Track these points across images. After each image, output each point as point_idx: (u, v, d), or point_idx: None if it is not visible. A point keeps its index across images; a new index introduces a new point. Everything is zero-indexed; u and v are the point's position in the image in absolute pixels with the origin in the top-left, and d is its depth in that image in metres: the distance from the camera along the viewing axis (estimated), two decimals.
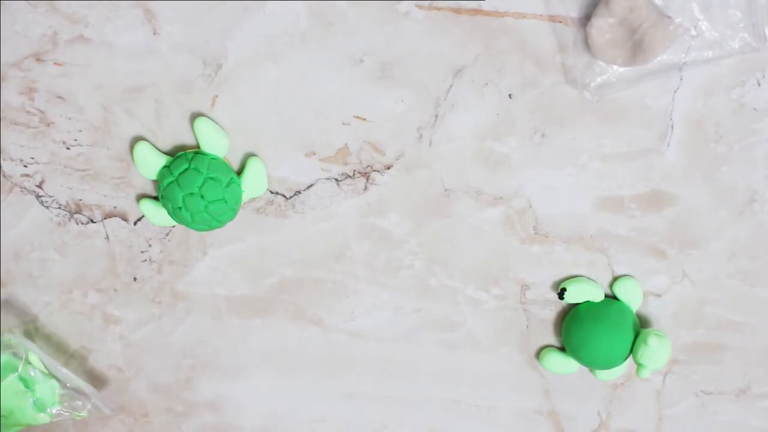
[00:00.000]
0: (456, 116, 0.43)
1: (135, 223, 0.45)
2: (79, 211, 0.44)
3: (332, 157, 0.44)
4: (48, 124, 0.43)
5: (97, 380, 0.47)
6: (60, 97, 0.42)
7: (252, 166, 0.43)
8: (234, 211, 0.43)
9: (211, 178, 0.41)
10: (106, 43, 0.41)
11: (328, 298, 0.46)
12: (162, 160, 0.42)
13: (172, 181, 0.41)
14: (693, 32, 0.41)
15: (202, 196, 0.41)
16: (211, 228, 0.43)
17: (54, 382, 0.44)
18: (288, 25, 0.41)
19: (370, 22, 0.41)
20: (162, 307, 0.46)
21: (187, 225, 0.42)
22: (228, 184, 0.42)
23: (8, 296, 0.46)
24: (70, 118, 0.43)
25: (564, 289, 0.45)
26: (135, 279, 0.46)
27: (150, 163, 0.42)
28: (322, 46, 0.42)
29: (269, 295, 0.46)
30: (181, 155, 0.42)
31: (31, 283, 0.45)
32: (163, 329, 0.47)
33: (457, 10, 0.41)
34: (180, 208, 0.42)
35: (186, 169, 0.41)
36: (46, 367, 0.44)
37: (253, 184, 0.43)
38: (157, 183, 0.43)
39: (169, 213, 0.42)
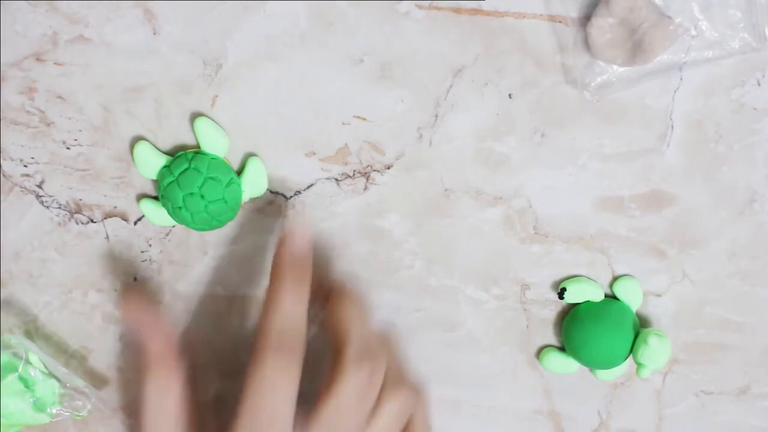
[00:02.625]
0: (456, 116, 0.43)
1: (135, 223, 0.45)
2: (79, 211, 0.44)
3: (332, 157, 0.44)
4: (48, 124, 0.43)
5: (97, 380, 0.47)
6: (60, 97, 0.42)
7: (252, 166, 0.43)
8: (234, 211, 0.43)
9: (211, 178, 0.41)
10: (106, 43, 0.41)
11: None
12: (162, 160, 0.42)
13: (172, 181, 0.41)
14: (693, 32, 0.41)
15: (202, 196, 0.41)
16: (211, 228, 0.43)
17: (54, 382, 0.44)
18: (288, 25, 0.41)
19: (370, 22, 0.41)
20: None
21: (187, 225, 0.42)
22: (228, 184, 0.42)
23: (8, 296, 0.46)
24: (70, 118, 0.43)
25: (564, 289, 0.45)
26: (135, 279, 0.46)
27: (150, 163, 0.42)
28: (322, 46, 0.42)
29: None
30: (181, 155, 0.42)
31: (31, 283, 0.45)
32: None
33: (457, 10, 0.41)
34: (180, 208, 0.42)
35: (186, 169, 0.41)
36: (46, 367, 0.44)
37: (253, 184, 0.43)
38: (157, 183, 0.43)
39: (169, 213, 0.42)
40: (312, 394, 0.40)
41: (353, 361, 0.39)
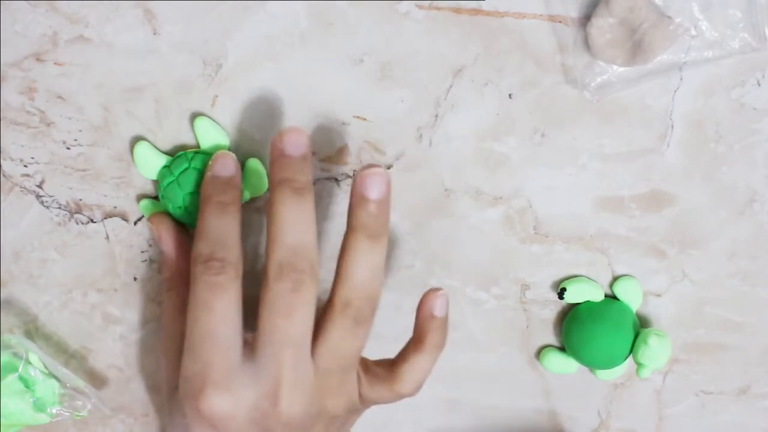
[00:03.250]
0: (456, 116, 0.43)
1: (135, 223, 0.45)
2: (79, 211, 0.44)
3: (332, 157, 0.44)
4: (48, 124, 0.43)
5: (97, 380, 0.47)
6: (60, 97, 0.42)
7: (251, 166, 0.43)
8: None
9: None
10: (106, 43, 0.41)
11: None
12: (162, 160, 0.42)
13: (172, 181, 0.41)
14: (693, 32, 0.41)
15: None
16: None
17: (54, 382, 0.44)
18: (288, 25, 0.41)
19: (370, 22, 0.42)
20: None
21: (188, 224, 0.42)
22: None
23: (8, 296, 0.46)
24: (70, 118, 0.43)
25: (564, 289, 0.45)
26: (135, 279, 0.46)
27: (150, 163, 0.42)
28: (322, 46, 0.42)
29: None
30: (181, 155, 0.42)
31: (31, 283, 0.45)
32: None
33: (457, 10, 0.41)
34: (180, 207, 0.42)
35: (186, 169, 0.41)
36: (46, 367, 0.44)
37: (254, 184, 0.43)
38: (157, 183, 0.43)
39: (169, 213, 0.42)
40: None
41: (273, 274, 0.37)
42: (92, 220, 0.45)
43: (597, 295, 0.46)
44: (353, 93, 0.43)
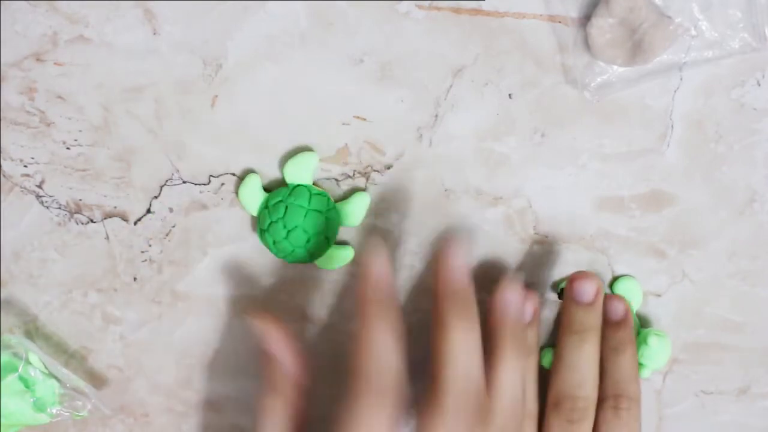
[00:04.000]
0: (456, 116, 0.43)
1: (135, 223, 0.45)
2: (79, 211, 0.44)
3: (332, 157, 0.44)
4: (48, 124, 0.43)
5: (97, 380, 0.47)
6: (60, 97, 0.42)
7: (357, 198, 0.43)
8: (330, 242, 0.43)
9: (315, 210, 0.42)
10: (106, 43, 0.41)
11: (328, 297, 0.46)
12: (262, 196, 0.43)
13: (276, 219, 0.42)
14: (693, 32, 0.41)
15: (305, 230, 0.42)
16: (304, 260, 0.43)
17: (54, 382, 0.44)
18: (288, 25, 0.42)
19: (370, 22, 0.42)
20: (162, 307, 0.46)
21: (282, 258, 0.43)
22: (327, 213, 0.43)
23: (8, 296, 0.46)
24: (70, 118, 0.43)
25: (564, 289, 0.45)
26: (135, 279, 0.46)
27: (256, 199, 0.43)
28: (322, 46, 0.42)
29: (269, 294, 0.46)
30: (282, 190, 0.42)
31: (31, 283, 0.45)
32: (163, 329, 0.47)
33: (457, 10, 0.41)
34: (281, 243, 0.42)
35: (290, 205, 0.42)
36: (46, 367, 0.44)
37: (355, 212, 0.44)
38: (257, 219, 0.43)
39: (269, 247, 0.43)
40: None
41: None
42: (92, 220, 0.45)
43: None
44: (353, 93, 0.43)
